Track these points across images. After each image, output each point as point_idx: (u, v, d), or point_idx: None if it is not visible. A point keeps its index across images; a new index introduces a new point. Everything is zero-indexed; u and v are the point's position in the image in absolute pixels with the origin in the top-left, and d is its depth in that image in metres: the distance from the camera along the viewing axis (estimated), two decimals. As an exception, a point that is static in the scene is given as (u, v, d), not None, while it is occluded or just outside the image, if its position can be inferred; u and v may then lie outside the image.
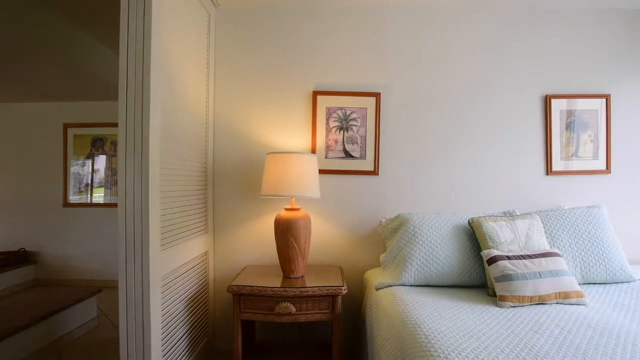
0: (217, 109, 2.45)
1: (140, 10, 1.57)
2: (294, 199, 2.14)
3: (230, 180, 2.45)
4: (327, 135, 2.42)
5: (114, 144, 4.70)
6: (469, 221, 2.05)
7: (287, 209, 2.12)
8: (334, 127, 2.43)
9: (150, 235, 1.61)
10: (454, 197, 2.48)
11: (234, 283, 1.98)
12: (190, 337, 2.09)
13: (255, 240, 2.44)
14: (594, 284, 2.00)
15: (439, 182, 2.48)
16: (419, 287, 1.93)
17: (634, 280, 2.02)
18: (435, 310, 1.59)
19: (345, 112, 2.43)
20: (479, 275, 1.94)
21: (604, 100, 2.56)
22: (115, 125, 1.63)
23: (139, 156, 1.59)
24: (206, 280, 2.35)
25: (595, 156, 2.56)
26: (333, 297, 1.96)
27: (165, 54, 1.75)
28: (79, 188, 4.73)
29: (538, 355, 1.21)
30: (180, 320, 1.96)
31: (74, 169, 4.72)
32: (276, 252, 2.14)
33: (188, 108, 2.06)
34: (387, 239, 2.19)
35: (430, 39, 2.50)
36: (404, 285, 1.94)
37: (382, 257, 2.13)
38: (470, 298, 1.78)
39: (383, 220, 2.30)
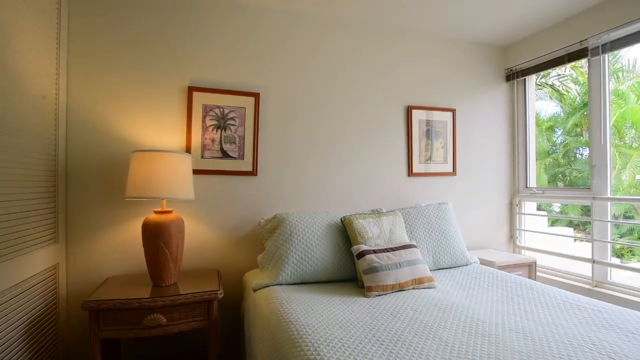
0: (72, 100, 2.11)
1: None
2: (164, 200, 1.98)
3: (89, 181, 2.14)
4: (203, 134, 2.30)
5: None
6: (341, 219, 2.19)
7: (157, 212, 1.95)
8: (211, 125, 2.32)
9: (-33, 248, 1.29)
10: (329, 197, 2.62)
11: (92, 298, 1.73)
12: (32, 368, 1.75)
13: (120, 248, 2.18)
14: (442, 269, 2.34)
15: (316, 183, 2.59)
16: (295, 285, 1.98)
17: (471, 264, 2.43)
18: (308, 306, 1.65)
19: (223, 111, 2.35)
20: (351, 269, 2.09)
21: (451, 113, 3.02)
22: None
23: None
24: (56, 298, 2.00)
25: (445, 160, 3.01)
26: (209, 302, 1.87)
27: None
28: None
29: (395, 336, 1.35)
30: (17, 351, 1.62)
31: None
32: (145, 260, 1.95)
33: (28, 96, 1.72)
34: (264, 239, 2.19)
35: (310, 46, 2.59)
36: (281, 284, 1.97)
37: (259, 257, 2.12)
38: (342, 291, 1.90)
39: (262, 221, 2.29)
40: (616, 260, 4.58)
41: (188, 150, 2.27)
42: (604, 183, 2.56)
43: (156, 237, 1.89)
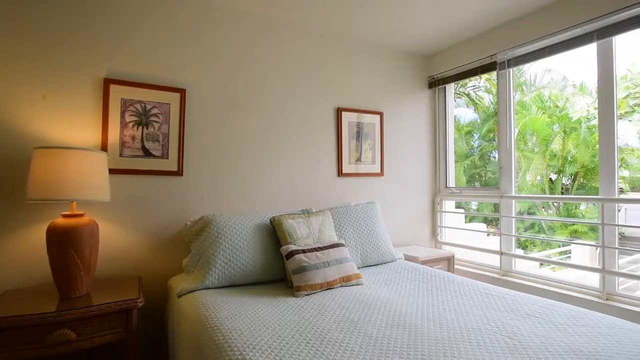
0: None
1: None
2: (74, 203, 1.79)
3: (-22, 181, 1.86)
4: (122, 131, 2.12)
5: None
6: (270, 220, 2.17)
7: (65, 216, 1.75)
8: (131, 122, 2.15)
9: None
10: (258, 198, 2.58)
11: (-19, 317, 1.51)
12: None
13: (19, 258, 1.92)
14: (370, 266, 2.43)
15: (245, 184, 2.53)
16: (223, 289, 1.92)
17: (397, 260, 2.56)
18: (236, 309, 1.61)
19: (145, 107, 2.19)
20: (280, 270, 2.07)
21: (379, 116, 3.16)
22: None
23: None
24: None
25: (374, 161, 3.14)
26: (127, 312, 1.73)
27: None
28: None
29: (322, 334, 1.37)
30: None
31: None
32: (50, 270, 1.74)
33: None
34: (190, 242, 2.09)
35: (241, 45, 2.53)
36: (208, 288, 1.89)
37: (185, 261, 2.02)
38: (271, 292, 1.88)
39: (188, 223, 2.19)
40: (520, 252, 5.15)
41: (104, 147, 2.07)
42: (509, 183, 2.86)
43: (64, 244, 1.70)
